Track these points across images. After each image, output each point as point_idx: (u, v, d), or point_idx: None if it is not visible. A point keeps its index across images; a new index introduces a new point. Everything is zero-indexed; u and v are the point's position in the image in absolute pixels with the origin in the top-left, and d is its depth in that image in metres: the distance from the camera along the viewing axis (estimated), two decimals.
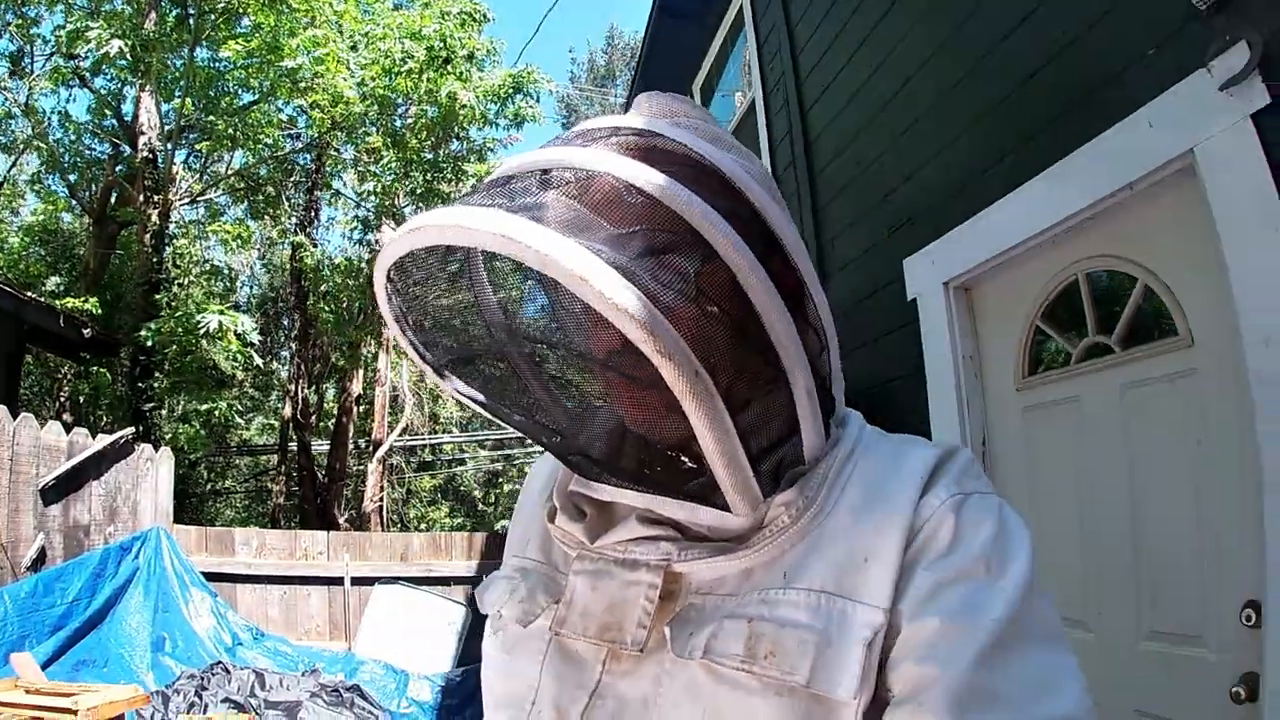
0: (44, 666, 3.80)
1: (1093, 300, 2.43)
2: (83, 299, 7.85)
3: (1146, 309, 2.26)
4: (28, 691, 2.93)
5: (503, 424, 0.72)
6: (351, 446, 14.72)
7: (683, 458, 0.63)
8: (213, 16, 8.88)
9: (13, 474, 4.35)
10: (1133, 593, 2.22)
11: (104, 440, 5.40)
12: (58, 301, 7.49)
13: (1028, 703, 0.53)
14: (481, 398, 0.69)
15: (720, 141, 0.66)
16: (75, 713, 2.71)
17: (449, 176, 11.16)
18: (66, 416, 9.96)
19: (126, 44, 7.39)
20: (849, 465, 0.66)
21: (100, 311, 8.31)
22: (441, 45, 9.60)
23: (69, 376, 10.43)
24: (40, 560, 4.45)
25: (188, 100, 9.51)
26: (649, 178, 0.57)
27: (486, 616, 0.79)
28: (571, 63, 36.87)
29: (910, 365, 3.15)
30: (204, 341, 8.27)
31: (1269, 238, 1.74)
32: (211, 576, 6.12)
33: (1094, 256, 2.41)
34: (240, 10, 8.75)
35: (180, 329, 8.20)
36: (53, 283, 9.42)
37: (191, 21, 9.05)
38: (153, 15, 8.08)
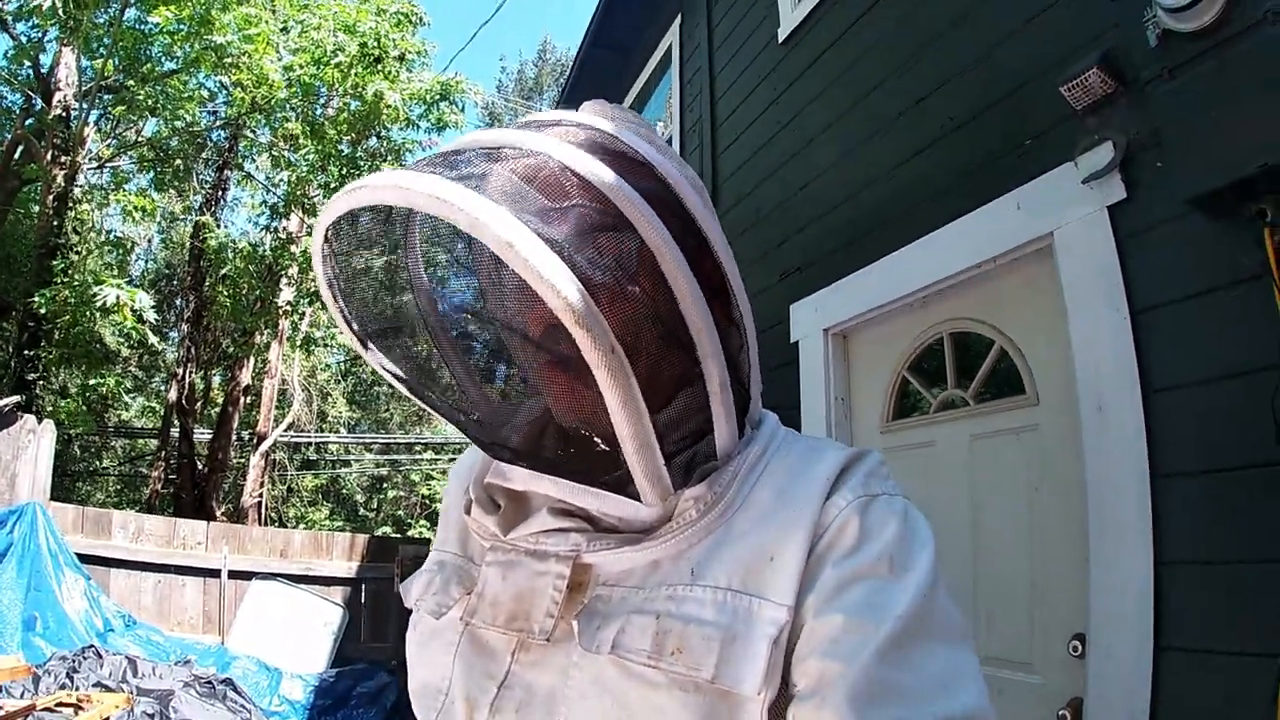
0: None
1: (954, 357, 2.73)
2: None
3: (1000, 369, 2.54)
4: None
5: (422, 405, 0.72)
6: (235, 438, 14.18)
7: (596, 442, 0.63)
8: None
9: None
10: (969, 620, 2.48)
11: None
12: None
13: (929, 698, 0.54)
14: (403, 375, 0.70)
15: (655, 144, 0.68)
16: None
17: (365, 173, 11.01)
18: None
19: None
20: (760, 464, 0.67)
21: None
22: (375, 44, 9.57)
23: None
24: None
25: (109, 62, 9.17)
26: (584, 162, 0.60)
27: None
28: (501, 71, 36.88)
29: (789, 401, 3.42)
30: (98, 315, 7.94)
31: (1109, 316, 2.00)
32: (86, 559, 5.92)
33: (958, 319, 2.70)
34: None
35: (75, 299, 7.85)
36: None
37: None
38: None
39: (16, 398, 5.73)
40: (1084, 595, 2.01)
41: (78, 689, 4.15)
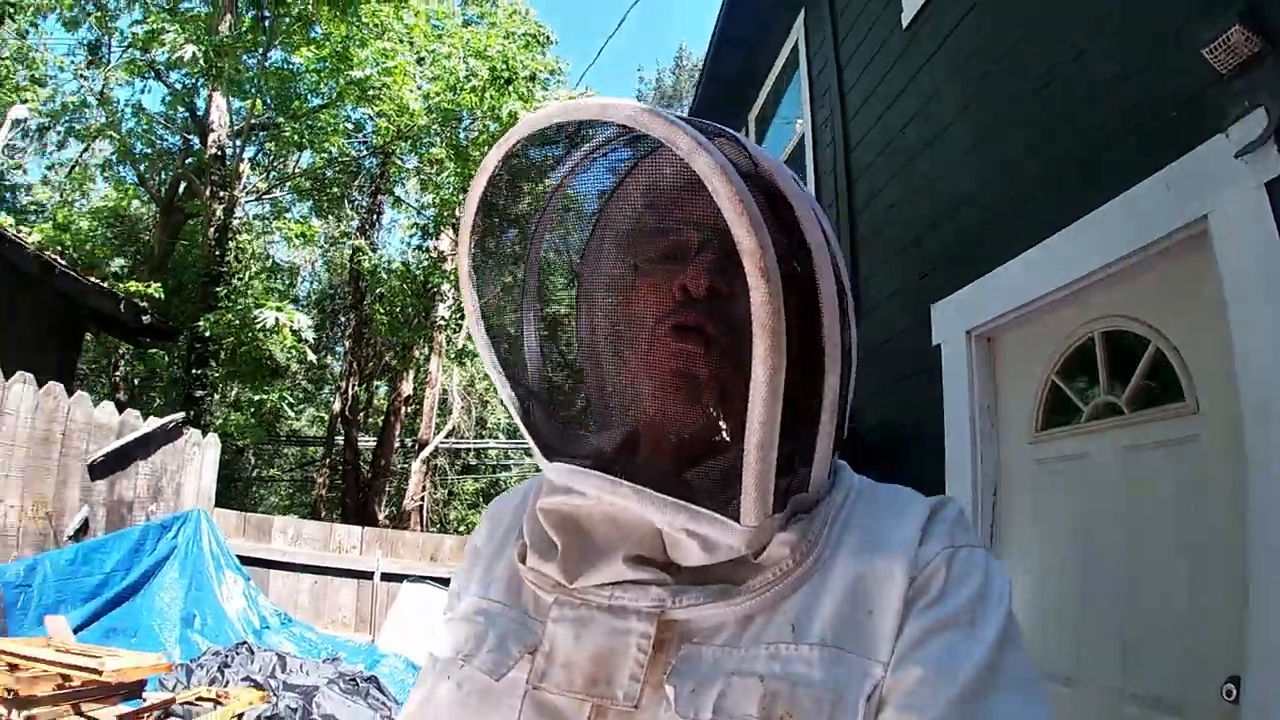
0: (76, 631, 4.00)
1: (1106, 359, 2.41)
2: (145, 284, 8.23)
3: (1156, 372, 2.23)
4: (58, 650, 3.10)
5: (504, 394, 0.69)
6: (397, 445, 15.04)
7: (707, 439, 0.61)
8: (287, 20, 9.26)
9: (64, 448, 4.60)
10: (1118, 653, 2.18)
11: (154, 422, 5.66)
12: (120, 284, 7.86)
13: None
14: (498, 352, 0.69)
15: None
16: (100, 673, 2.86)
17: None
18: (121, 395, 10.39)
19: (200, 49, 7.76)
20: (844, 510, 0.65)
21: (162, 297, 8.70)
22: (504, 66, 9.84)
23: (125, 356, 10.91)
24: (83, 531, 4.69)
25: (258, 101, 9.93)
26: (768, 158, 0.62)
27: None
28: (640, 82, 37.22)
29: (930, 410, 3.15)
30: (260, 335, 8.58)
31: (1272, 310, 1.72)
32: (246, 560, 6.33)
33: (1109, 316, 2.39)
34: (312, 18, 9.11)
35: (238, 322, 8.52)
36: (117, 264, 9.89)
37: (267, 24, 9.46)
38: (229, 18, 8.49)
39: (181, 415, 6.23)
40: (1242, 634, 1.73)
41: (228, 683, 4.39)
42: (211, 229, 9.16)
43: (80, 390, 5.01)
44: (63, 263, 6.08)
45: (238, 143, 9.49)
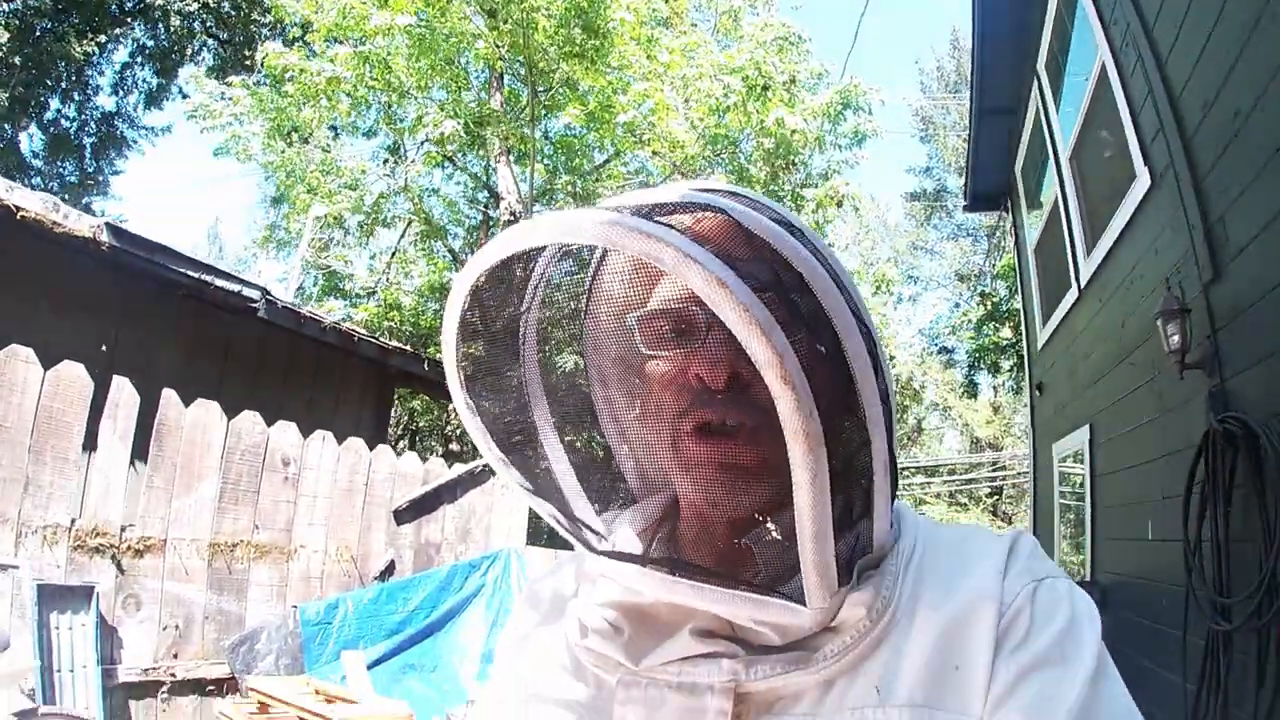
0: (373, 665, 4.31)
1: None
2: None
3: None
4: (317, 693, 3.31)
5: (531, 499, 0.67)
6: None
7: (759, 532, 0.60)
8: (548, 89, 9.92)
9: (367, 497, 5.09)
10: None
11: (459, 469, 6.11)
12: (431, 349, 8.85)
13: None
14: (513, 466, 0.67)
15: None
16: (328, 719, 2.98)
17: (790, 206, 11.02)
18: (454, 445, 11.70)
19: (459, 123, 8.58)
20: (914, 559, 0.63)
21: None
22: (756, 73, 9.56)
23: (456, 411, 12.29)
24: (388, 572, 5.12)
25: (540, 166, 10.72)
26: (762, 223, 0.56)
27: None
28: (920, 72, 34.84)
29: None
30: None
31: None
32: None
33: None
34: (572, 79, 9.63)
35: None
36: None
37: (542, 96, 10.22)
38: (497, 96, 9.28)
39: (485, 461, 6.67)
40: None
41: None
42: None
43: (398, 445, 5.54)
44: (363, 332, 6.92)
45: (527, 207, 10.30)
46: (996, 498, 22.16)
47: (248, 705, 3.49)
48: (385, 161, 11.80)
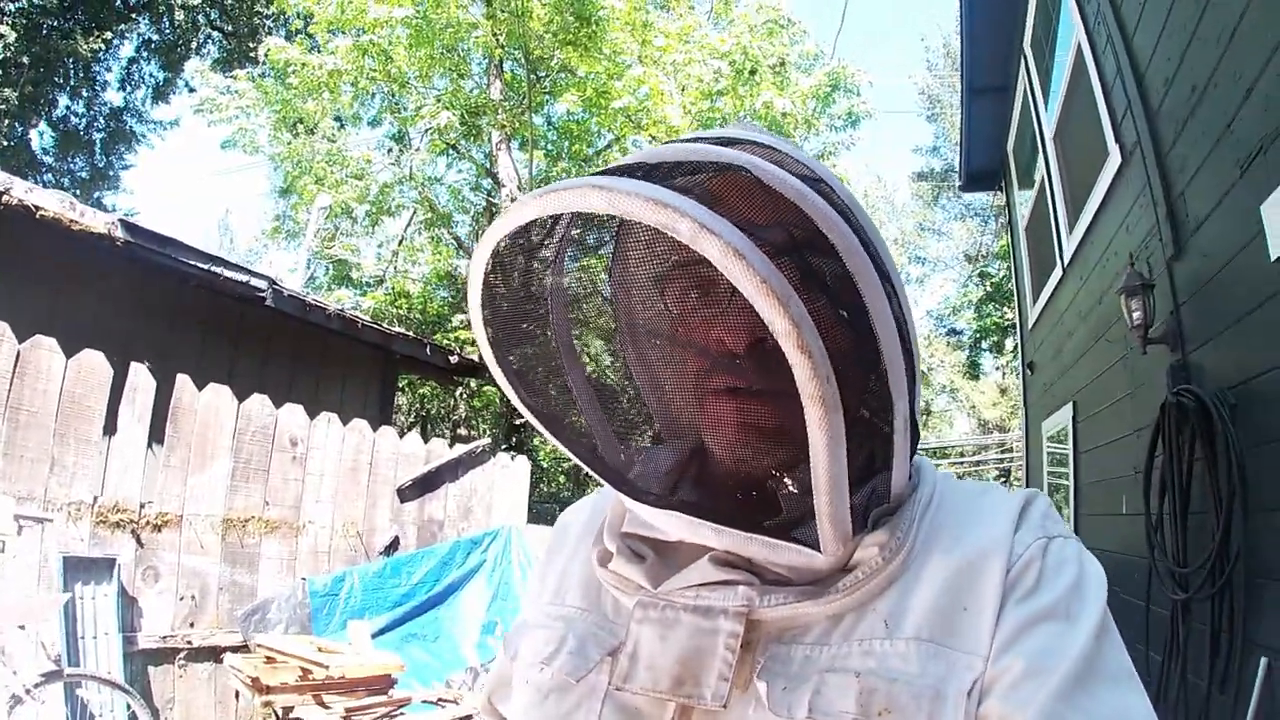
0: (378, 635, 4.52)
1: None
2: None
3: None
4: (319, 650, 3.53)
5: (556, 442, 0.68)
6: None
7: (778, 484, 0.61)
8: (548, 74, 10.04)
9: (372, 475, 5.29)
10: None
11: (460, 449, 6.31)
12: (451, 334, 8.98)
13: None
14: (539, 402, 0.67)
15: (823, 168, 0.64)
16: (327, 667, 3.20)
17: None
18: (461, 430, 11.91)
19: (454, 114, 8.74)
20: (930, 507, 0.64)
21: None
22: (742, 57, 9.64)
23: (463, 397, 12.54)
24: (393, 547, 5.33)
25: (540, 153, 10.86)
26: (787, 182, 0.55)
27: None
28: (926, 50, 34.53)
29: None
30: None
31: None
32: None
33: None
34: (570, 66, 9.76)
35: None
36: (458, 319, 11.43)
37: (544, 82, 10.35)
38: (497, 83, 9.42)
39: (486, 440, 6.89)
40: None
41: None
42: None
43: (397, 425, 5.73)
44: (366, 318, 7.10)
45: (528, 190, 10.40)
46: (1004, 479, 22.24)
47: (255, 658, 3.72)
48: (390, 150, 11.96)
